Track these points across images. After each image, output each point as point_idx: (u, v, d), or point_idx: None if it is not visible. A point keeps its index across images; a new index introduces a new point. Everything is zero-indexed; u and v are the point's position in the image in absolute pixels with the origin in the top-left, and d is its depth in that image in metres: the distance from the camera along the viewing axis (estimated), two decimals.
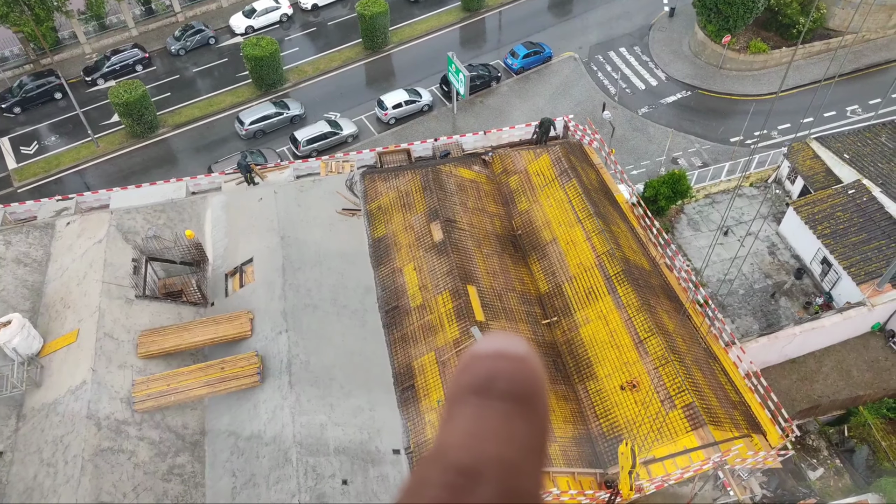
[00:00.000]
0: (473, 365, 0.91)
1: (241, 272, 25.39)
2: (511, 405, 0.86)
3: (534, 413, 0.88)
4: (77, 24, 46.87)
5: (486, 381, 0.88)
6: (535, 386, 0.89)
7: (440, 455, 0.83)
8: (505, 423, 0.85)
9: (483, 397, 0.87)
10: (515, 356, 0.91)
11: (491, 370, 0.89)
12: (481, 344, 0.94)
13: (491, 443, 0.83)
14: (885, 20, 44.77)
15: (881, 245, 28.78)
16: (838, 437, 28.41)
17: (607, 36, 48.09)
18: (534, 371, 0.90)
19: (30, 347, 21.87)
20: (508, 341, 0.94)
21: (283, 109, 42.00)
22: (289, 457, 19.67)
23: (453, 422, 0.87)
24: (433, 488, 0.79)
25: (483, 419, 0.85)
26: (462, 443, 0.83)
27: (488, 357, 0.91)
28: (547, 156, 29.19)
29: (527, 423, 0.86)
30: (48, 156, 41.58)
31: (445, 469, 0.81)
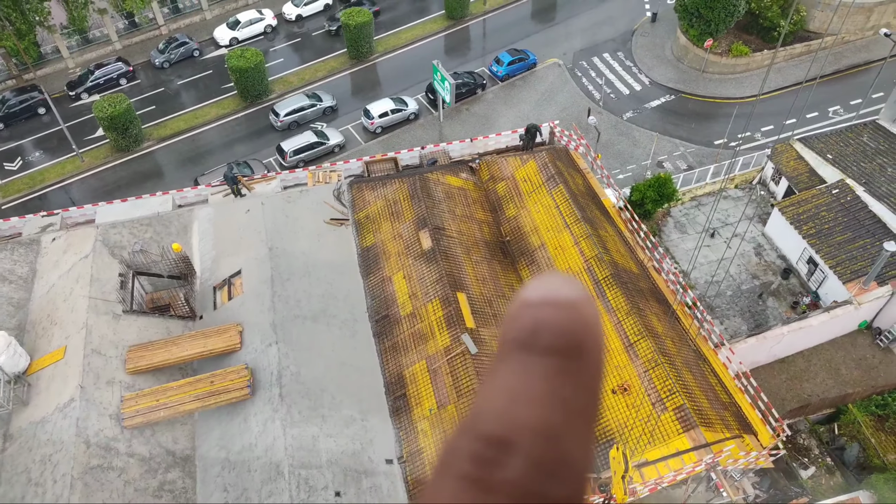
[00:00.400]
0: (519, 315, 0.80)
1: (229, 285, 25.27)
2: (556, 361, 0.77)
3: (582, 369, 0.78)
4: (60, 38, 46.66)
5: (529, 334, 0.78)
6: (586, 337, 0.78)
7: (471, 423, 0.75)
8: (547, 382, 0.76)
9: (526, 352, 0.77)
10: (564, 302, 0.79)
11: (536, 320, 0.78)
12: (528, 289, 0.83)
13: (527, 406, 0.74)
14: (863, 22, 45.38)
15: (866, 244, 29.06)
16: (829, 436, 28.58)
17: (591, 42, 48.42)
18: (585, 319, 0.79)
19: (16, 365, 21.62)
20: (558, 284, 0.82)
21: (316, 101, 43.20)
22: (281, 470, 19.54)
23: (491, 383, 0.78)
24: (461, 460, 0.72)
25: (523, 378, 0.76)
26: (496, 407, 0.74)
27: (534, 305, 0.80)
28: (534, 162, 29.30)
29: (573, 381, 0.77)
30: (32, 171, 41.27)
31: (475, 438, 0.73)
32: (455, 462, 0.73)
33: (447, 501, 0.71)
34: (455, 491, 0.71)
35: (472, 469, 0.71)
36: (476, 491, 0.70)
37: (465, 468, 0.72)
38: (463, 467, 0.72)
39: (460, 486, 0.71)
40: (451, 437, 0.76)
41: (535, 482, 0.70)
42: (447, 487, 0.72)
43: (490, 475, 0.70)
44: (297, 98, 43.35)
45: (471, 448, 0.73)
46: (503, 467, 0.71)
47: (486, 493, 0.70)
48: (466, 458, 0.72)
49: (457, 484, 0.71)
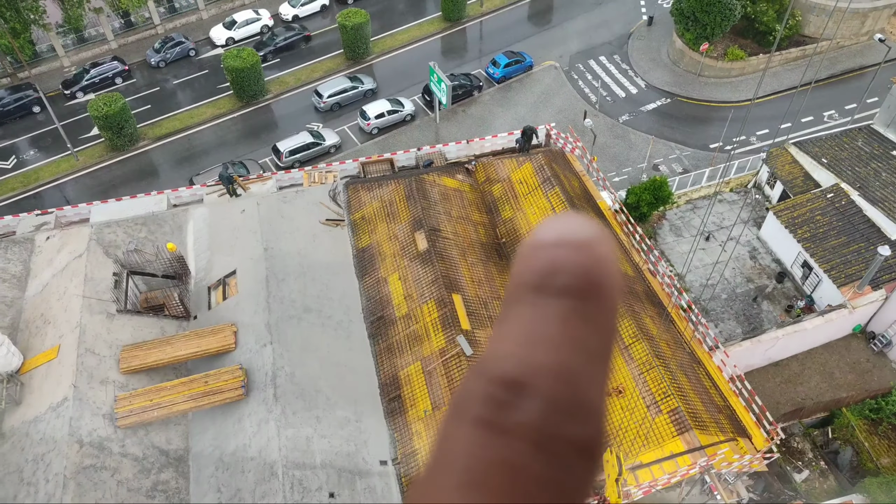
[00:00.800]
0: (532, 256, 0.78)
1: (224, 285, 25.19)
2: (571, 302, 0.74)
3: (598, 310, 0.75)
4: (55, 37, 46.49)
5: (544, 275, 0.76)
6: (601, 277, 0.76)
7: (484, 366, 0.73)
8: (562, 323, 0.74)
9: (540, 294, 0.75)
10: (579, 241, 0.77)
11: (550, 261, 0.76)
12: (541, 229, 0.80)
13: (542, 348, 0.72)
14: (858, 27, 45.60)
15: (860, 248, 29.16)
16: (822, 439, 28.66)
17: (587, 45, 48.51)
18: (600, 259, 0.76)
19: (9, 364, 21.51)
20: (572, 223, 0.79)
21: (357, 84, 44.21)
22: (275, 471, 19.48)
23: (504, 326, 0.76)
24: (476, 404, 0.70)
25: (536, 320, 0.74)
26: (509, 351, 0.73)
27: (547, 245, 0.78)
28: (530, 164, 29.32)
29: (588, 322, 0.75)
30: (27, 170, 41.09)
31: (488, 382, 0.71)
32: (469, 405, 0.71)
33: (462, 446, 0.69)
34: (470, 435, 0.69)
35: (486, 412, 0.70)
36: (491, 434, 0.68)
37: (480, 411, 0.70)
38: (477, 410, 0.70)
39: (475, 430, 0.69)
40: (464, 380, 0.74)
41: (551, 424, 0.69)
42: (461, 432, 0.70)
43: (505, 418, 0.69)
44: (340, 80, 44.37)
45: (485, 391, 0.71)
46: (519, 410, 0.69)
47: (502, 436, 0.68)
48: (480, 401, 0.71)
49: (471, 428, 0.69)
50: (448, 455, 0.69)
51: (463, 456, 0.68)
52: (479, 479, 0.66)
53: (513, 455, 0.67)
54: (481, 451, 0.68)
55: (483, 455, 0.68)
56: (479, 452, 0.68)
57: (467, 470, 0.67)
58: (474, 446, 0.68)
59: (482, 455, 0.68)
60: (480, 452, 0.68)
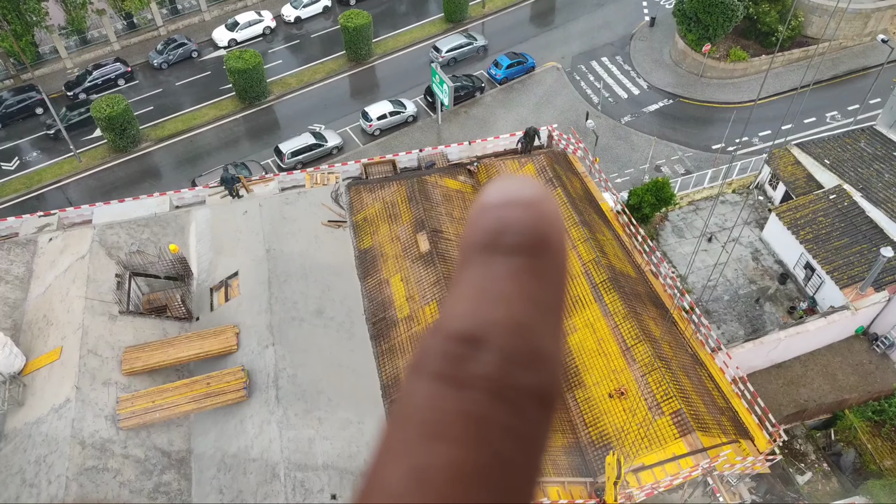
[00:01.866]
0: (480, 218, 0.80)
1: (226, 286, 25.21)
2: (521, 259, 0.77)
3: (547, 265, 0.78)
4: (58, 38, 46.58)
5: (493, 235, 0.78)
6: (549, 233, 0.79)
7: (441, 324, 0.75)
8: (513, 280, 0.76)
9: (490, 254, 0.78)
10: (526, 201, 0.80)
11: (498, 221, 0.79)
12: (488, 192, 0.82)
13: (495, 304, 0.74)
14: (860, 28, 45.52)
15: (863, 249, 29.10)
16: (825, 441, 28.59)
17: (589, 46, 48.48)
18: (546, 216, 0.79)
19: (12, 366, 21.55)
20: (517, 185, 0.82)
21: (471, 40, 46.64)
22: (276, 472, 19.48)
23: (458, 287, 0.79)
24: (433, 360, 0.73)
25: (489, 279, 0.77)
26: (463, 308, 0.75)
27: (495, 206, 0.80)
28: (532, 165, 29.31)
29: (538, 277, 0.77)
30: (30, 171, 41.17)
31: (445, 338, 0.74)
32: (427, 361, 0.73)
33: (423, 400, 0.71)
34: (429, 389, 0.71)
35: (444, 367, 0.72)
36: (450, 387, 0.71)
37: (438, 366, 0.72)
38: (435, 366, 0.72)
39: (434, 384, 0.71)
40: (422, 339, 0.76)
41: (508, 374, 0.71)
42: (421, 386, 0.72)
43: (463, 371, 0.71)
44: (455, 37, 47.15)
45: (442, 347, 0.73)
46: (475, 362, 0.71)
47: (461, 388, 0.70)
48: (438, 356, 0.73)
49: (430, 382, 0.72)
50: (409, 409, 0.71)
51: (424, 409, 0.70)
52: (442, 429, 0.69)
53: (472, 405, 0.69)
54: (441, 404, 0.70)
55: (443, 407, 0.70)
56: (440, 405, 0.70)
57: (429, 422, 0.69)
58: (434, 399, 0.70)
59: (442, 407, 0.70)
60: (441, 405, 0.70)
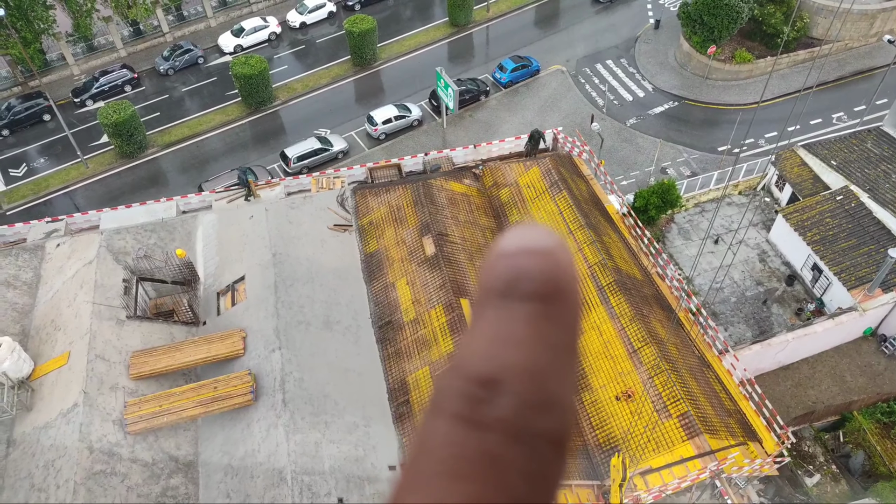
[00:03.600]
0: (496, 265, 0.84)
1: (232, 290, 25.28)
2: (536, 305, 0.80)
3: (562, 312, 0.81)
4: (65, 45, 46.89)
5: (510, 282, 0.81)
6: (563, 282, 0.81)
7: (460, 365, 0.78)
8: (529, 325, 0.79)
9: (506, 300, 0.80)
10: (541, 250, 0.83)
11: (514, 268, 0.82)
12: (505, 240, 0.86)
13: (512, 348, 0.77)
14: (866, 28, 45.38)
15: (870, 250, 28.96)
16: (834, 443, 28.42)
17: (594, 49, 48.48)
18: (561, 265, 0.82)
19: (20, 371, 21.64)
20: (533, 234, 0.86)
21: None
22: (283, 476, 19.50)
23: (476, 329, 0.81)
24: (453, 400, 0.75)
25: (506, 323, 0.79)
26: (482, 351, 0.78)
27: (511, 254, 0.84)
28: (537, 168, 29.31)
29: (553, 323, 0.80)
30: (37, 178, 41.42)
31: (464, 380, 0.76)
32: (446, 402, 0.76)
33: (442, 439, 0.73)
34: (448, 429, 0.73)
35: (463, 408, 0.74)
36: (469, 428, 0.73)
37: (458, 407, 0.74)
38: (455, 407, 0.75)
39: (454, 424, 0.73)
40: (441, 379, 0.79)
41: (524, 418, 0.73)
42: (441, 426, 0.74)
43: (482, 413, 0.73)
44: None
45: (461, 388, 0.76)
46: (493, 405, 0.74)
47: (479, 430, 0.72)
48: (457, 397, 0.75)
49: (450, 422, 0.74)
50: (429, 448, 0.74)
51: (443, 448, 0.73)
52: (461, 468, 0.71)
53: (490, 446, 0.72)
54: (461, 444, 0.72)
55: (463, 447, 0.72)
56: (459, 444, 0.72)
57: (448, 460, 0.72)
58: (454, 439, 0.73)
59: (462, 447, 0.72)
60: (460, 444, 0.72)
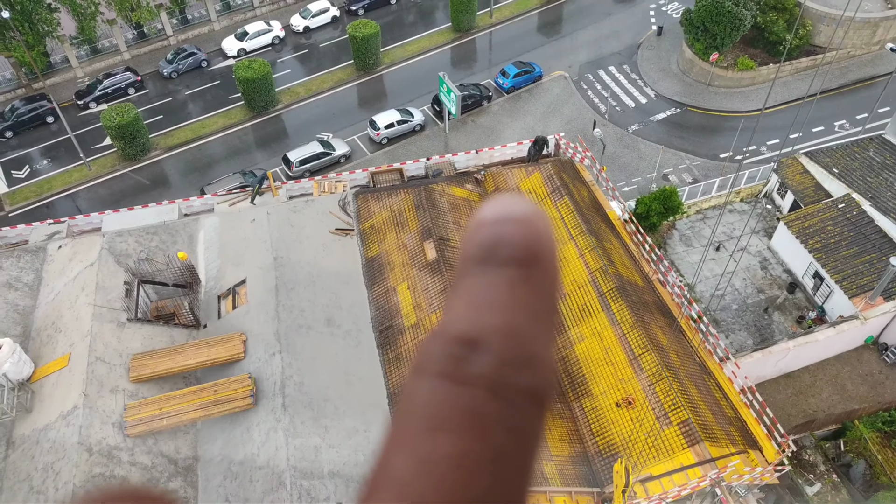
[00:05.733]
0: (476, 233, 0.87)
1: (233, 294, 25.29)
2: (515, 270, 0.83)
3: (540, 276, 0.85)
4: (69, 48, 47.03)
5: (489, 249, 0.85)
6: (541, 248, 0.85)
7: (442, 328, 0.82)
8: (507, 289, 0.82)
9: (485, 266, 0.84)
10: (520, 218, 0.87)
11: (493, 236, 0.85)
12: (484, 209, 0.89)
13: (492, 310, 0.81)
14: (869, 37, 45.42)
15: (872, 258, 28.93)
16: (835, 452, 28.35)
17: (596, 55, 48.55)
18: (539, 232, 0.86)
19: (20, 373, 21.65)
20: (512, 203, 0.89)
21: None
22: (283, 480, 19.47)
23: (456, 295, 0.85)
24: (435, 360, 0.79)
25: (485, 288, 0.83)
26: (462, 314, 0.82)
27: (490, 223, 0.87)
28: (539, 174, 29.33)
29: (532, 287, 0.83)
30: (40, 179, 41.50)
31: (446, 341, 0.80)
32: (429, 362, 0.80)
33: (426, 396, 0.77)
34: (432, 386, 0.77)
35: (446, 367, 0.78)
36: (452, 384, 0.76)
37: (440, 366, 0.78)
38: (437, 366, 0.79)
39: (437, 382, 0.77)
40: (423, 342, 0.83)
41: (504, 374, 0.77)
42: (424, 384, 0.78)
43: (463, 370, 0.77)
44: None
45: (443, 349, 0.80)
46: (474, 363, 0.77)
47: (461, 386, 0.76)
48: (439, 357, 0.79)
49: (433, 380, 0.77)
50: (413, 405, 0.77)
51: (427, 404, 0.76)
52: (444, 422, 0.75)
53: (472, 401, 0.76)
54: (444, 400, 0.76)
55: (446, 403, 0.76)
56: (442, 401, 0.76)
57: (432, 416, 0.75)
58: (437, 396, 0.77)
59: (445, 403, 0.76)
60: (443, 401, 0.76)
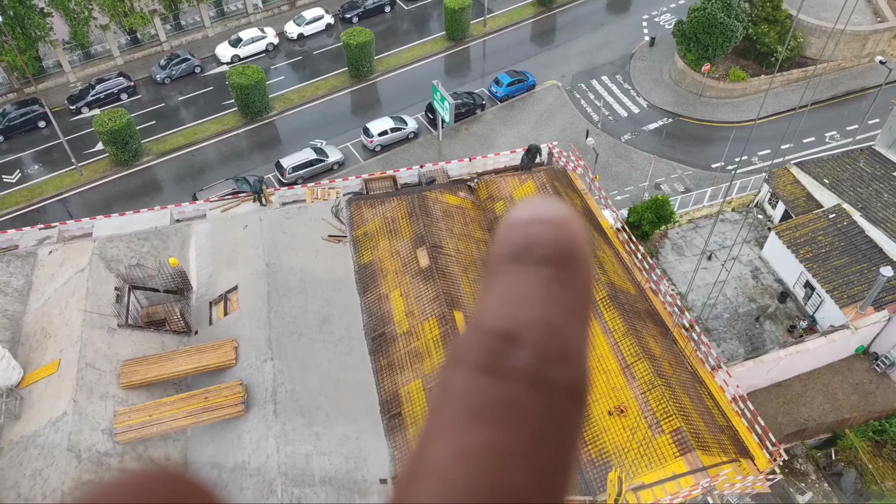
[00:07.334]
0: (509, 233, 0.86)
1: (225, 300, 25.17)
2: (550, 269, 0.83)
3: (575, 276, 0.84)
4: (62, 53, 46.89)
5: (523, 248, 0.84)
6: (575, 248, 0.85)
7: (478, 322, 0.81)
8: (543, 287, 0.82)
9: (519, 264, 0.84)
10: (553, 219, 0.86)
11: (527, 236, 0.85)
12: (516, 211, 0.88)
13: (527, 306, 0.80)
14: (859, 49, 45.90)
15: (863, 268, 29.12)
16: (826, 461, 28.42)
17: (590, 65, 48.82)
18: (573, 232, 0.86)
19: (9, 378, 21.45)
20: (545, 204, 0.89)
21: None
22: (273, 488, 19.34)
23: (491, 291, 0.84)
24: (473, 353, 0.78)
25: (520, 286, 0.82)
26: (499, 309, 0.81)
27: (524, 223, 0.86)
28: (532, 182, 29.41)
29: (567, 286, 0.83)
30: (31, 184, 41.25)
31: (483, 334, 0.79)
32: (466, 355, 0.79)
33: (464, 388, 0.76)
34: (469, 379, 0.76)
35: (483, 359, 0.77)
36: (490, 377, 0.76)
37: (477, 359, 0.77)
38: (475, 358, 0.78)
39: (474, 375, 0.76)
40: (460, 336, 0.82)
41: (542, 368, 0.77)
42: (462, 376, 0.77)
43: (501, 363, 0.77)
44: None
45: (481, 342, 0.79)
46: (513, 356, 0.77)
47: (499, 379, 0.75)
48: (477, 350, 0.78)
49: (470, 373, 0.76)
50: (452, 397, 0.77)
51: (465, 396, 0.76)
52: (482, 414, 0.74)
53: (510, 394, 0.75)
54: (481, 392, 0.75)
55: (483, 394, 0.75)
56: (480, 392, 0.75)
57: (470, 407, 0.75)
58: (475, 387, 0.76)
59: (483, 394, 0.75)
60: (481, 392, 0.75)
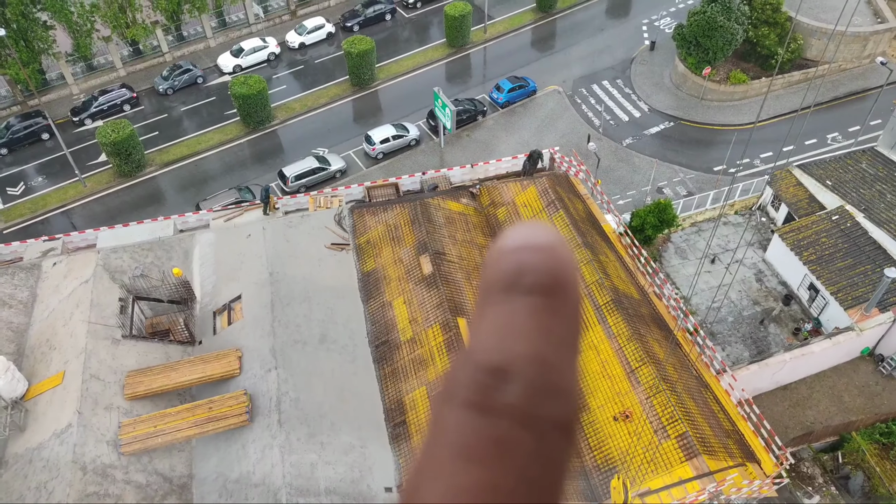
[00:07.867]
0: (498, 260, 0.87)
1: (229, 310, 25.21)
2: (538, 299, 0.83)
3: (563, 304, 0.84)
4: (64, 65, 47.15)
5: (512, 276, 0.84)
6: (564, 276, 0.85)
7: (469, 356, 0.82)
8: (533, 317, 0.82)
9: (509, 293, 0.84)
10: (542, 246, 0.86)
11: (516, 264, 0.85)
12: (506, 237, 0.89)
13: (517, 339, 0.81)
14: (859, 51, 45.88)
15: (867, 270, 29.03)
16: (833, 464, 28.26)
17: (590, 70, 48.89)
18: (562, 260, 0.86)
19: (14, 391, 21.49)
20: (534, 231, 0.89)
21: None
22: (278, 498, 19.31)
23: (481, 322, 0.85)
24: (464, 389, 0.79)
25: (510, 316, 0.83)
26: (489, 342, 0.82)
27: (513, 250, 0.86)
28: (534, 187, 29.42)
29: (556, 315, 0.83)
30: (35, 196, 41.42)
31: (474, 370, 0.80)
32: (458, 390, 0.79)
33: (455, 425, 0.77)
34: (460, 416, 0.77)
35: (474, 395, 0.78)
36: (480, 414, 0.76)
37: (468, 395, 0.78)
38: (466, 394, 0.78)
39: (465, 411, 0.77)
40: (450, 370, 0.83)
41: (532, 404, 0.77)
42: (453, 413, 0.78)
43: (492, 400, 0.77)
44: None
45: (472, 377, 0.79)
46: (503, 392, 0.77)
47: (490, 416, 0.76)
48: (468, 386, 0.79)
49: (462, 409, 0.77)
50: (442, 433, 0.77)
51: (456, 433, 0.76)
52: (473, 452, 0.75)
53: (500, 431, 0.76)
54: (473, 429, 0.76)
55: (474, 432, 0.76)
56: (471, 430, 0.76)
57: (461, 445, 0.75)
58: (466, 425, 0.77)
59: (474, 432, 0.76)
60: (472, 430, 0.76)
